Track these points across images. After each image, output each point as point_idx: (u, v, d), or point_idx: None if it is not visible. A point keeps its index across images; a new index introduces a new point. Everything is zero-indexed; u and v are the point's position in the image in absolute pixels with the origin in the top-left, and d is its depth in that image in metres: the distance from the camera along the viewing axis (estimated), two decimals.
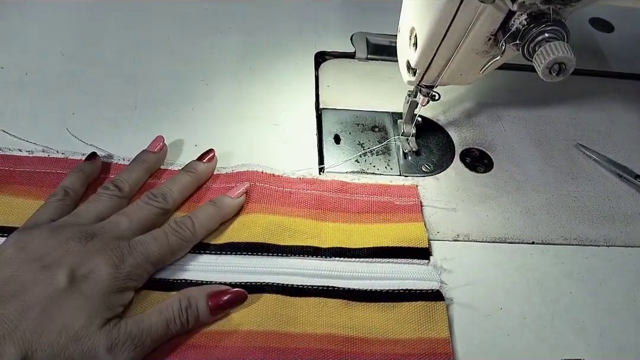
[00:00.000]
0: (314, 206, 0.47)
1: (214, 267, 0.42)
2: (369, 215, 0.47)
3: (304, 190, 0.48)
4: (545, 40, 0.36)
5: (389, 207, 0.48)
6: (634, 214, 0.51)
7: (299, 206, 0.47)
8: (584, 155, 0.56)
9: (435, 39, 0.42)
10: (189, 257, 0.43)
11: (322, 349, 0.39)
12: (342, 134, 0.54)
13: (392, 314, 0.41)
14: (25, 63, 0.56)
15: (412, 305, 0.42)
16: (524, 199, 0.51)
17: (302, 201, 0.47)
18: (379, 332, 0.40)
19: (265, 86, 0.58)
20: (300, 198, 0.47)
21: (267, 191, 0.47)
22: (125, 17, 0.63)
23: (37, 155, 0.48)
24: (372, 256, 0.45)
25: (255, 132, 0.53)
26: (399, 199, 0.49)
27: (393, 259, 0.44)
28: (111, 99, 0.54)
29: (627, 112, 0.62)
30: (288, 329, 0.40)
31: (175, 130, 0.52)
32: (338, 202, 0.48)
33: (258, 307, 0.40)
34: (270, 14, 0.67)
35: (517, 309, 0.43)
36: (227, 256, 0.43)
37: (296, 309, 0.41)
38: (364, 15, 0.68)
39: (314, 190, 0.48)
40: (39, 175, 0.46)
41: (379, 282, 0.43)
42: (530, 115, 0.60)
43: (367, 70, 0.62)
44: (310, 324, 0.40)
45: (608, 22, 0.74)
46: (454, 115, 0.58)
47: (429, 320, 0.41)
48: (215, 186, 0.48)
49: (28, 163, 0.47)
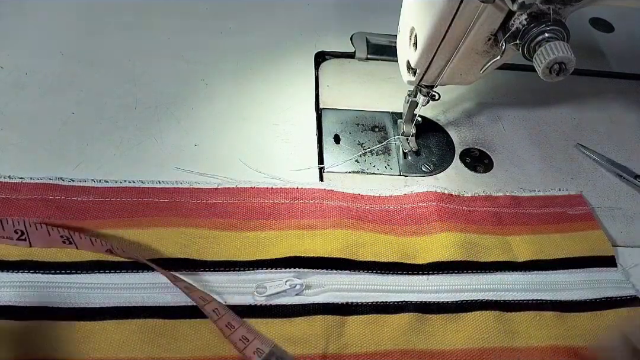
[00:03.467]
0: (495, 222, 0.48)
1: (425, 287, 0.43)
2: (549, 227, 0.48)
3: (482, 208, 0.49)
4: (545, 40, 0.36)
5: (564, 217, 0.49)
6: (634, 214, 0.51)
7: (483, 224, 0.47)
8: (584, 155, 0.56)
9: (435, 39, 0.42)
10: (402, 279, 0.43)
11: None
12: (342, 134, 0.54)
13: (601, 321, 0.42)
14: (25, 63, 0.56)
15: (617, 312, 0.43)
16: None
17: (484, 218, 0.48)
18: (593, 340, 0.41)
19: (265, 86, 0.58)
20: (480, 216, 0.48)
21: (450, 210, 0.47)
22: (125, 17, 0.63)
23: (226, 187, 0.47)
24: (566, 267, 0.45)
25: (255, 132, 0.53)
26: (571, 209, 0.50)
27: (586, 268, 0.46)
28: (111, 99, 0.54)
29: (627, 112, 0.62)
30: (511, 344, 0.40)
31: (175, 130, 0.52)
32: (515, 216, 0.48)
33: (475, 323, 0.41)
34: (270, 14, 0.67)
35: None
36: (436, 276, 0.43)
37: (516, 324, 0.42)
38: (364, 15, 0.68)
39: (492, 207, 0.49)
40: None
41: (578, 292, 0.44)
42: (530, 115, 0.60)
43: (367, 70, 0.62)
44: (532, 337, 0.41)
45: (608, 22, 0.74)
46: (454, 115, 0.58)
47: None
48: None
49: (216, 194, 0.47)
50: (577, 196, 0.51)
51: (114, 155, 0.49)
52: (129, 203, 0.45)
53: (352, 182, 0.50)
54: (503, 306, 0.42)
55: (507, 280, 0.44)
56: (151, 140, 0.51)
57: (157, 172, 0.48)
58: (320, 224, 0.45)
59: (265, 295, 0.41)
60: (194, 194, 0.46)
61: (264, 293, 0.41)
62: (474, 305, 0.42)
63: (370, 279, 0.43)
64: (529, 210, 0.49)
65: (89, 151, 0.49)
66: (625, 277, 0.45)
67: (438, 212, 0.47)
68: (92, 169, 0.48)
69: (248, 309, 0.40)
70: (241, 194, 0.47)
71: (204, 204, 0.46)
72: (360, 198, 0.48)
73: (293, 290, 0.41)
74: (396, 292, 0.42)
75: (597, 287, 0.44)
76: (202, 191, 0.47)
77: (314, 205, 0.47)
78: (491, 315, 0.42)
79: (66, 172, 0.47)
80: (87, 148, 0.49)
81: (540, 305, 0.43)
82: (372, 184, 0.50)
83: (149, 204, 0.45)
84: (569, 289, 0.44)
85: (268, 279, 0.42)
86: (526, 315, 0.42)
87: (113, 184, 0.46)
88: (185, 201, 0.46)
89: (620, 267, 0.46)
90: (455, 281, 0.43)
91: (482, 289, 0.43)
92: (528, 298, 0.43)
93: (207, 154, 0.50)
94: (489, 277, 0.44)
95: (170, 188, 0.46)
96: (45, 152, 0.49)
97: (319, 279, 0.42)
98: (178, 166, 0.49)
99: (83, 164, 0.48)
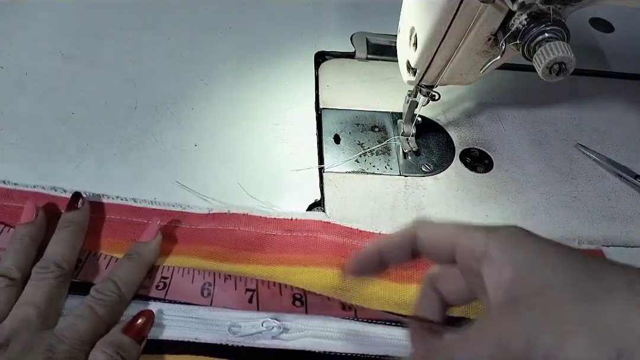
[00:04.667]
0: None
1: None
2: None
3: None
4: (545, 40, 0.36)
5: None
6: (633, 214, 0.51)
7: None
8: (583, 155, 0.56)
9: (435, 39, 0.42)
10: (387, 329, 0.39)
11: None
12: (342, 134, 0.54)
13: None
14: (25, 63, 0.56)
15: None
16: (523, 199, 0.51)
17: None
18: None
19: (265, 86, 0.58)
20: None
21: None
22: (125, 17, 0.63)
23: (217, 212, 0.45)
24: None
25: (255, 132, 0.53)
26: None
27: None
28: (111, 99, 0.54)
29: (627, 112, 0.62)
30: None
31: (175, 130, 0.52)
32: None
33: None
34: (270, 14, 0.67)
35: None
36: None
37: None
38: (364, 15, 0.68)
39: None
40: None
41: None
42: (530, 115, 0.60)
43: (367, 70, 0.62)
44: None
45: (608, 22, 0.74)
46: (454, 115, 0.58)
47: None
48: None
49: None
50: (597, 251, 0.46)
51: (114, 155, 0.49)
52: (118, 222, 0.44)
53: (352, 182, 0.50)
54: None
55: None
56: (151, 140, 0.51)
57: (156, 180, 0.48)
58: (310, 260, 0.42)
59: (239, 336, 0.38)
60: (186, 219, 0.45)
61: (238, 333, 0.38)
62: None
63: (354, 326, 0.39)
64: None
65: (89, 151, 0.49)
66: None
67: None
68: (92, 169, 0.48)
69: (219, 348, 0.38)
70: (233, 221, 0.45)
71: (194, 229, 0.44)
72: (357, 234, 0.45)
73: (269, 333, 0.38)
74: (378, 344, 0.39)
75: None
76: (193, 216, 0.45)
77: (307, 239, 0.44)
78: None
79: (66, 172, 0.47)
80: (87, 148, 0.49)
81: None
82: (372, 184, 0.50)
83: (138, 224, 0.43)
84: None
85: (245, 317, 0.39)
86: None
87: (106, 200, 0.45)
88: (178, 226, 0.44)
89: None
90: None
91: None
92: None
93: (207, 157, 0.50)
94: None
95: (162, 210, 0.45)
96: (45, 152, 0.49)
97: (299, 322, 0.39)
98: (178, 179, 0.48)
99: (83, 164, 0.48)
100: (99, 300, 0.37)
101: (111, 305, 0.37)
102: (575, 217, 0.50)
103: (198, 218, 0.45)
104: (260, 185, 0.49)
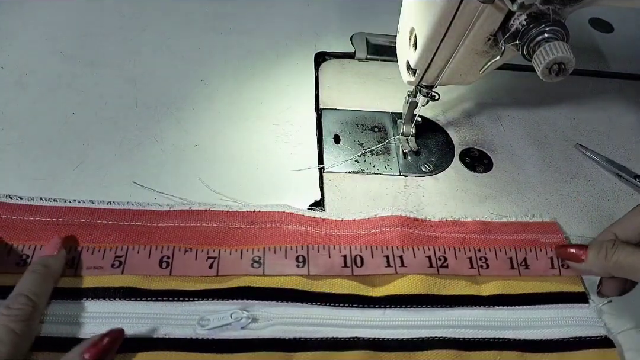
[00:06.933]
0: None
1: (380, 322, 0.40)
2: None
3: (449, 234, 0.46)
4: (545, 41, 0.36)
5: (536, 245, 0.46)
6: None
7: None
8: (583, 155, 0.56)
9: (435, 39, 0.42)
10: (356, 312, 0.40)
11: None
12: (342, 134, 0.54)
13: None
14: (25, 63, 0.56)
15: (586, 353, 0.40)
16: (523, 199, 0.51)
17: (449, 245, 0.44)
18: None
19: (266, 86, 0.58)
20: (446, 243, 0.45)
21: (414, 236, 0.45)
22: (125, 17, 0.63)
23: (178, 209, 0.45)
24: (533, 302, 0.43)
25: (255, 132, 0.53)
26: (544, 236, 0.47)
27: (554, 304, 0.43)
28: (111, 99, 0.54)
29: (627, 112, 0.62)
30: None
31: (175, 130, 0.52)
32: (484, 243, 0.45)
33: None
34: (270, 14, 0.67)
35: None
36: (393, 310, 0.41)
37: None
38: (364, 15, 0.68)
39: (459, 233, 0.46)
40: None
41: (545, 330, 0.41)
42: (530, 115, 0.60)
43: (367, 70, 0.62)
44: None
45: (608, 22, 0.74)
46: (453, 115, 0.58)
47: None
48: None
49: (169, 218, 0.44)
50: (551, 223, 0.48)
51: (114, 155, 0.49)
52: (76, 224, 0.43)
53: (352, 182, 0.50)
54: (462, 344, 0.39)
55: (469, 316, 0.41)
56: (151, 140, 0.51)
57: (156, 180, 0.48)
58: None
59: (208, 329, 0.38)
60: (144, 217, 0.44)
61: (206, 326, 0.38)
62: (431, 343, 0.39)
63: (322, 312, 0.40)
64: (500, 236, 0.46)
65: (89, 151, 0.49)
66: (597, 315, 0.42)
67: (401, 239, 0.44)
68: (92, 169, 0.48)
69: (188, 342, 0.38)
70: (195, 217, 0.44)
71: (155, 227, 0.43)
72: (321, 222, 0.45)
73: (238, 324, 0.38)
74: (348, 326, 0.40)
75: (565, 325, 0.41)
76: (154, 213, 0.44)
77: (271, 229, 0.44)
78: (449, 354, 0.39)
79: (66, 172, 0.47)
80: (87, 148, 0.49)
81: (503, 344, 0.40)
82: (372, 184, 0.50)
83: (96, 226, 0.43)
84: (534, 327, 0.41)
85: (213, 310, 0.39)
86: (487, 354, 0.39)
87: (62, 204, 0.44)
88: (135, 224, 0.43)
89: (592, 304, 0.43)
90: (412, 316, 0.40)
91: (441, 325, 0.40)
92: (490, 336, 0.40)
93: (207, 157, 0.51)
94: (450, 312, 0.41)
95: (120, 210, 0.44)
96: (45, 152, 0.49)
97: (268, 312, 0.39)
98: (178, 179, 0.48)
99: (83, 164, 0.48)
100: (11, 316, 0.35)
101: (27, 319, 0.36)
102: (575, 217, 0.50)
103: (159, 215, 0.44)
104: (260, 185, 0.49)
